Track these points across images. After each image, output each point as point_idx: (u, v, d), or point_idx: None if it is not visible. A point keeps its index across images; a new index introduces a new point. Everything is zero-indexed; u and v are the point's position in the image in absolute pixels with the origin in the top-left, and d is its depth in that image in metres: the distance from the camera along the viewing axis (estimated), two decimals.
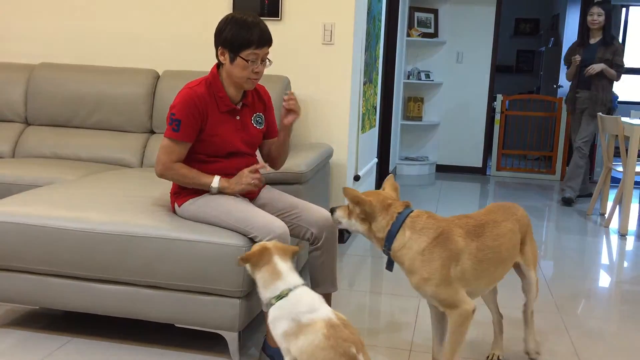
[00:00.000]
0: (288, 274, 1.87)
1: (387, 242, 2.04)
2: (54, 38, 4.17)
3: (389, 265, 2.15)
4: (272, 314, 1.84)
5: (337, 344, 1.70)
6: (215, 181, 2.36)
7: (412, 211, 2.08)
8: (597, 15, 5.39)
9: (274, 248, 1.92)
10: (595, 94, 5.45)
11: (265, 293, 1.88)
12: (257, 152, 2.63)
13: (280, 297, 1.84)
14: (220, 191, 2.38)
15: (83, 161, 3.65)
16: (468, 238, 2.02)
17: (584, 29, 5.58)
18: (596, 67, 5.32)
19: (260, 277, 1.89)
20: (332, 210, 2.16)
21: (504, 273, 2.18)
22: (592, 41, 5.49)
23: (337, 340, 1.71)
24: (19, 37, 4.22)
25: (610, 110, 5.52)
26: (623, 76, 5.53)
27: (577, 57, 5.46)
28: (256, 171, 2.39)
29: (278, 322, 1.82)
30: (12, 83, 3.88)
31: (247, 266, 1.94)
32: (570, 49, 5.69)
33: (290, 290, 1.84)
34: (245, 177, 2.38)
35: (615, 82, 5.52)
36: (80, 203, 2.53)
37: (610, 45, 5.39)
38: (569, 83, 5.82)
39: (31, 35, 4.20)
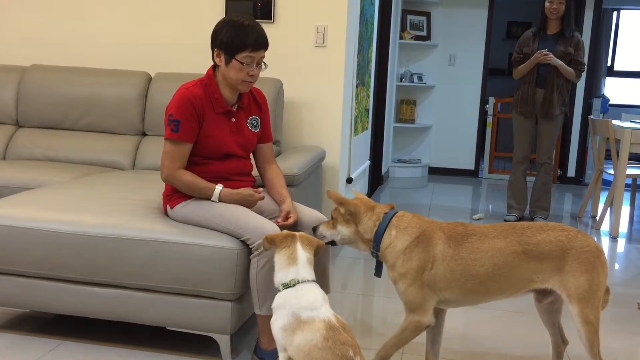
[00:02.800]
0: (303, 265, 1.92)
1: (375, 242, 2.09)
2: (46, 40, 4.15)
3: (378, 271, 2.17)
4: (276, 301, 1.90)
5: (334, 346, 1.73)
6: (216, 195, 2.35)
7: (397, 212, 2.13)
8: (557, 3, 4.58)
9: (300, 236, 1.97)
10: (551, 94, 4.67)
11: (278, 276, 1.94)
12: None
13: (287, 285, 1.89)
14: (221, 200, 2.37)
15: (74, 163, 3.63)
16: (447, 244, 2.03)
17: (542, 18, 4.73)
18: (553, 59, 4.55)
19: (278, 258, 1.94)
20: (314, 229, 2.21)
21: (483, 291, 2.05)
22: (550, 32, 4.71)
23: (335, 342, 1.74)
24: (10, 39, 4.20)
25: (566, 116, 4.89)
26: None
27: (549, 55, 4.54)
28: (257, 199, 2.40)
29: (279, 313, 1.87)
30: (3, 85, 3.86)
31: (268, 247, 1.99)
32: (524, 39, 4.78)
33: (298, 282, 1.89)
34: (249, 201, 2.38)
35: (574, 83, 4.87)
36: (72, 205, 2.52)
37: (571, 38, 4.63)
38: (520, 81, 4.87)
39: (22, 37, 4.19)
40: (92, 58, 4.10)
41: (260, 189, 2.44)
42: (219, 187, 2.36)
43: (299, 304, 1.84)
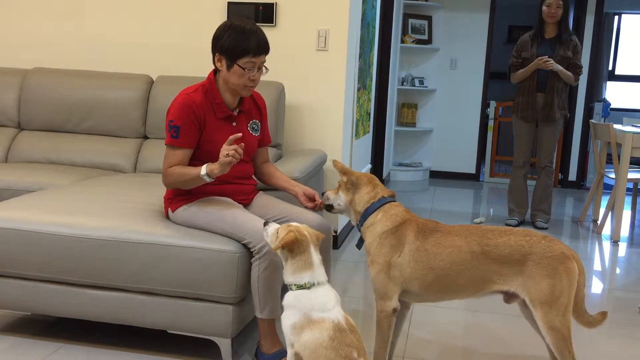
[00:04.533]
0: (318, 268, 1.91)
1: (363, 217, 2.21)
2: (48, 43, 4.16)
3: (359, 244, 2.30)
4: (288, 299, 1.89)
5: (339, 347, 1.78)
6: (203, 170, 2.24)
7: (394, 200, 2.23)
8: (555, 7, 4.58)
9: (310, 235, 1.93)
10: (552, 98, 4.69)
11: (289, 278, 1.92)
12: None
13: (301, 287, 1.88)
14: (211, 176, 2.24)
15: (76, 166, 3.64)
16: (415, 236, 2.12)
17: (539, 22, 4.73)
18: (554, 65, 4.57)
19: (292, 263, 1.91)
20: (322, 193, 2.38)
21: (441, 286, 2.09)
22: (547, 36, 4.71)
23: (341, 343, 1.79)
24: (13, 41, 4.21)
25: (566, 119, 4.91)
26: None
27: (549, 61, 4.54)
28: (232, 143, 2.21)
29: (290, 311, 1.88)
30: (5, 88, 3.87)
31: (279, 251, 1.93)
32: (522, 43, 4.77)
33: (312, 284, 1.88)
34: (222, 151, 2.20)
35: (572, 86, 4.91)
36: (73, 208, 2.52)
37: (569, 42, 4.65)
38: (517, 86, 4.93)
39: (25, 40, 4.20)
40: (94, 61, 4.11)
41: (234, 147, 2.20)
42: (203, 168, 2.24)
43: (311, 305, 1.85)
